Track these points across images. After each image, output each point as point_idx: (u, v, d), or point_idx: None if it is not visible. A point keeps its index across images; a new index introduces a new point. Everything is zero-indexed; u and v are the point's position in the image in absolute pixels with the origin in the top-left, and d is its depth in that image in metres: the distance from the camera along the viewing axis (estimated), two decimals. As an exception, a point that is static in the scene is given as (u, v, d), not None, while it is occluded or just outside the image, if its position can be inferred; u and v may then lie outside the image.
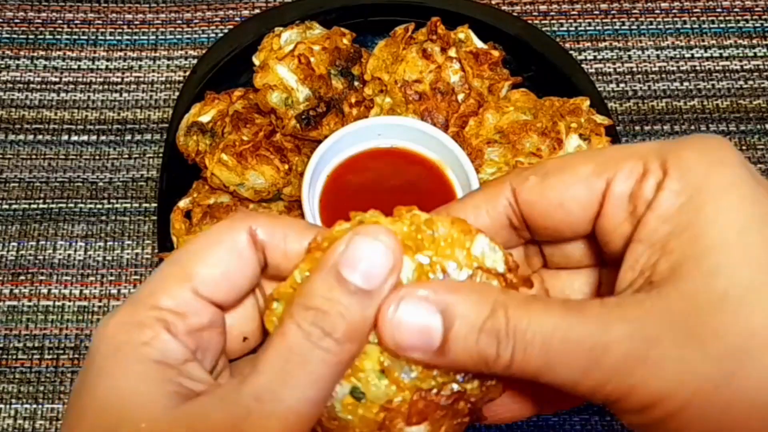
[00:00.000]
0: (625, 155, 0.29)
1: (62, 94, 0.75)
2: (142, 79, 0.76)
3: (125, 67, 0.77)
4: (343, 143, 0.64)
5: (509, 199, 0.32)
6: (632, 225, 0.29)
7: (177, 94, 0.72)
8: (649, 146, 0.29)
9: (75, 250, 0.68)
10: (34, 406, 0.62)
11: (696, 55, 0.77)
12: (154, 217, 0.68)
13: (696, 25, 0.79)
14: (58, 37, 0.78)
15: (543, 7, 0.80)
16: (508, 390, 0.32)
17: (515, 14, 0.77)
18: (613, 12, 0.79)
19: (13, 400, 0.62)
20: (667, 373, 0.26)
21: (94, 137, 0.73)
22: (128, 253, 0.68)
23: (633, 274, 0.28)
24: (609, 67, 0.77)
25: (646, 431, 0.28)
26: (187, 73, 0.72)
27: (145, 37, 0.78)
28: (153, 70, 0.77)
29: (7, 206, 0.70)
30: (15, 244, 0.68)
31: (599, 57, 0.77)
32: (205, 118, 0.66)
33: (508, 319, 0.27)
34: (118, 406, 0.28)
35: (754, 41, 0.78)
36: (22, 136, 0.73)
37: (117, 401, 0.28)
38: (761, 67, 0.77)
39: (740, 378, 0.26)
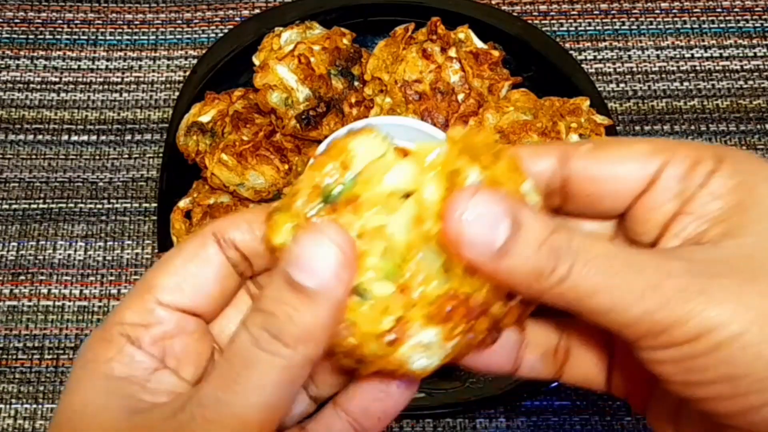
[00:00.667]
0: (681, 144, 0.30)
1: (62, 94, 0.75)
2: (142, 79, 0.76)
3: (125, 67, 0.77)
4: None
5: (556, 161, 0.31)
6: (677, 205, 0.29)
7: (177, 94, 0.72)
8: (701, 143, 0.30)
9: (75, 250, 0.68)
10: (34, 406, 0.62)
11: (696, 55, 0.77)
12: (154, 217, 0.68)
13: (696, 25, 0.79)
14: (58, 37, 0.78)
15: (543, 7, 0.80)
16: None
17: (515, 14, 0.77)
18: (613, 12, 0.79)
19: (13, 400, 0.62)
20: (726, 303, 0.26)
21: (94, 137, 0.73)
22: (128, 253, 0.68)
23: (677, 242, 0.29)
24: (609, 67, 0.77)
25: (678, 368, 0.27)
26: (187, 73, 0.72)
27: (145, 37, 0.78)
28: (153, 70, 0.77)
29: (7, 206, 0.70)
30: (15, 244, 0.68)
31: (599, 57, 0.77)
32: (205, 118, 0.66)
33: (572, 237, 0.27)
34: (77, 421, 0.29)
35: (755, 41, 0.78)
36: (22, 136, 0.73)
37: (78, 417, 0.29)
38: (761, 67, 0.77)
39: None
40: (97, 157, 0.72)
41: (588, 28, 0.79)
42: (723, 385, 0.27)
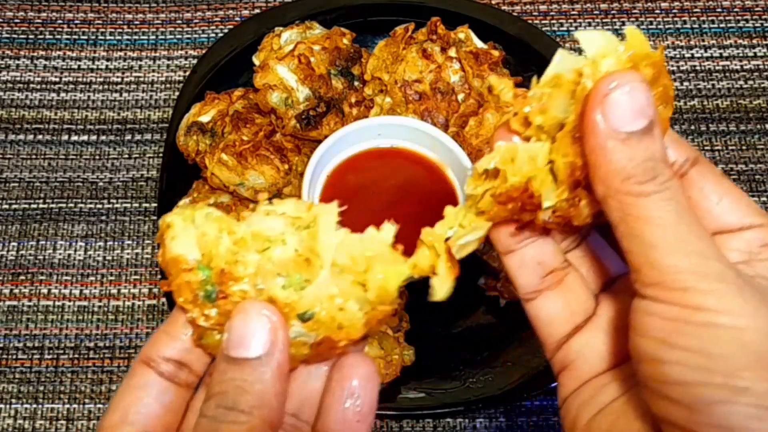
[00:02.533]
0: None
1: (62, 94, 0.75)
2: (142, 79, 0.76)
3: (125, 67, 0.77)
4: (343, 143, 0.64)
5: (687, 159, 0.34)
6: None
7: (177, 94, 0.72)
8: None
9: (75, 250, 0.68)
10: (34, 405, 0.62)
11: (696, 55, 0.77)
12: (154, 217, 0.68)
13: (696, 25, 0.79)
14: (58, 37, 0.78)
15: (543, 7, 0.80)
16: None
17: (515, 14, 0.77)
18: (613, 12, 0.80)
19: (13, 400, 0.62)
20: (748, 306, 0.28)
21: (94, 137, 0.73)
22: (128, 253, 0.68)
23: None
24: (609, 67, 0.77)
25: (668, 324, 0.29)
26: (187, 73, 0.72)
27: (145, 37, 0.78)
28: (153, 70, 0.77)
29: (7, 206, 0.70)
30: (15, 244, 0.68)
31: (599, 57, 0.77)
32: (205, 118, 0.66)
33: (674, 179, 0.30)
34: None
35: (754, 41, 0.78)
36: (22, 136, 0.73)
37: None
38: (761, 66, 0.77)
39: None
40: (97, 157, 0.72)
41: (588, 28, 0.79)
42: (696, 357, 0.28)
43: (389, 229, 0.33)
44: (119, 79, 0.76)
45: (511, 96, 0.33)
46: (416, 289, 0.46)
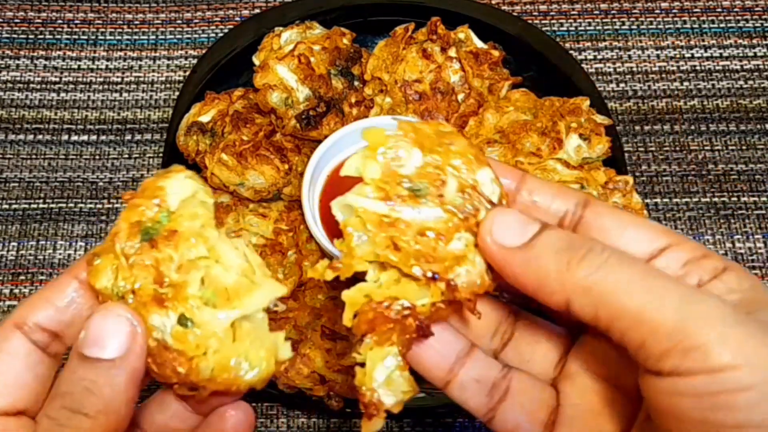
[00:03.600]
0: (686, 240, 0.32)
1: (62, 94, 0.75)
2: (142, 79, 0.76)
3: (125, 67, 0.77)
4: (343, 143, 0.64)
5: (574, 204, 0.34)
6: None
7: (177, 93, 0.72)
8: (703, 247, 0.32)
9: (75, 250, 0.68)
10: (34, 405, 0.62)
11: (696, 55, 0.77)
12: (154, 217, 0.68)
13: (696, 25, 0.79)
14: (58, 36, 0.78)
15: (543, 7, 0.80)
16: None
17: (515, 14, 0.77)
18: (613, 12, 0.79)
19: (13, 400, 0.62)
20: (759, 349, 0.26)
21: (94, 137, 0.73)
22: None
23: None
24: (609, 67, 0.77)
25: (699, 402, 0.27)
26: (187, 73, 0.72)
27: (145, 37, 0.78)
28: (153, 70, 0.77)
29: (7, 206, 0.70)
30: (15, 243, 0.68)
31: (599, 57, 0.77)
32: (205, 118, 0.66)
33: (601, 245, 0.30)
34: None
35: (754, 41, 0.78)
36: (22, 136, 0.73)
37: None
38: (761, 66, 0.77)
39: None
40: (97, 157, 0.72)
41: (588, 28, 0.79)
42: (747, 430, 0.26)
43: (286, 349, 0.35)
44: (119, 79, 0.76)
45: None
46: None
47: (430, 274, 0.31)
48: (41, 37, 0.78)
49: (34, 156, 0.72)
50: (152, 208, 0.33)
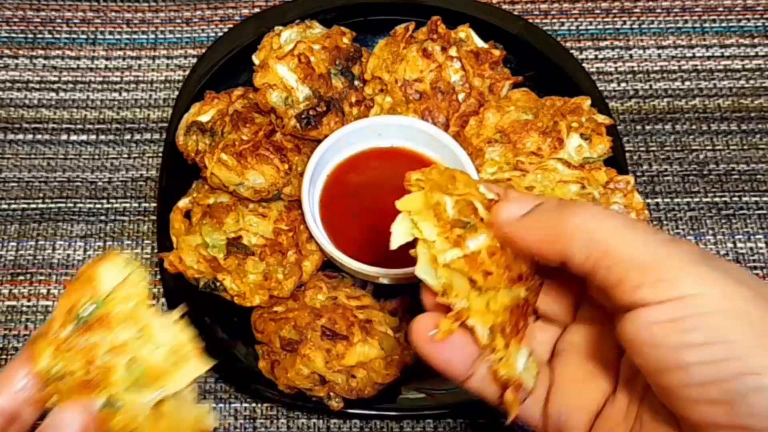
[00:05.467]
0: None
1: (61, 94, 0.75)
2: (141, 79, 0.76)
3: (124, 67, 0.77)
4: (343, 143, 0.64)
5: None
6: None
7: (176, 93, 0.71)
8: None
9: (74, 250, 0.68)
10: (33, 406, 0.62)
11: (697, 55, 0.77)
12: (154, 217, 0.68)
13: (697, 25, 0.79)
14: (57, 36, 0.78)
15: (544, 6, 0.79)
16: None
17: (516, 13, 0.77)
18: (614, 11, 0.79)
19: (12, 401, 0.62)
20: (715, 273, 0.31)
21: (93, 137, 0.73)
22: (128, 253, 0.68)
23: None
24: (610, 67, 0.76)
25: (672, 328, 0.30)
26: (187, 73, 0.72)
27: (145, 36, 0.78)
28: (152, 70, 0.76)
29: (6, 206, 0.70)
30: (14, 243, 0.68)
31: (600, 56, 0.77)
32: (204, 118, 0.65)
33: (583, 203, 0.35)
34: None
35: (756, 40, 0.78)
36: (21, 136, 0.73)
37: None
38: (763, 66, 0.76)
39: None
40: (97, 157, 0.72)
41: (589, 27, 0.79)
42: (715, 349, 0.29)
43: (210, 420, 0.39)
44: (118, 79, 0.76)
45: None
46: (416, 290, 0.46)
47: (517, 276, 0.37)
48: (40, 36, 0.78)
49: (33, 156, 0.72)
50: (87, 293, 0.36)
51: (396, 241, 0.40)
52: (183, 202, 0.63)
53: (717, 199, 0.70)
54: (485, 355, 0.38)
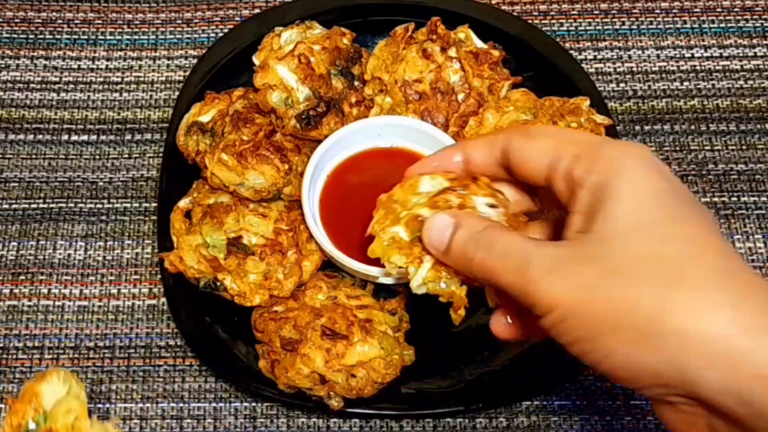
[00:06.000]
0: (576, 141, 0.41)
1: (62, 94, 0.75)
2: (142, 79, 0.76)
3: (125, 67, 0.77)
4: (343, 143, 0.64)
5: (501, 146, 0.44)
6: (569, 188, 0.40)
7: (177, 93, 0.72)
8: (593, 139, 0.42)
9: (75, 250, 0.68)
10: (34, 405, 0.62)
11: (696, 55, 0.77)
12: (154, 217, 0.68)
13: (696, 25, 0.79)
14: (58, 36, 0.78)
15: (543, 7, 0.80)
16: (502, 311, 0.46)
17: (515, 14, 0.77)
18: (613, 12, 0.79)
19: (13, 400, 0.62)
20: (563, 284, 0.37)
21: (94, 137, 0.73)
22: (128, 253, 0.68)
23: (575, 225, 0.40)
24: (609, 67, 0.77)
25: (556, 335, 0.38)
26: (187, 73, 0.72)
27: (145, 37, 0.78)
28: (153, 70, 0.77)
29: (7, 206, 0.70)
30: (15, 243, 0.68)
31: (599, 57, 0.77)
32: (205, 118, 0.66)
33: (488, 234, 0.41)
34: None
35: (755, 41, 0.78)
36: (22, 136, 0.73)
37: None
38: (761, 66, 0.77)
39: (608, 292, 0.36)
40: (97, 157, 0.72)
41: (588, 27, 0.79)
42: (578, 346, 0.37)
43: None
44: (119, 79, 0.76)
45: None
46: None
47: None
48: (41, 37, 0.78)
49: (34, 156, 0.72)
50: (30, 411, 0.42)
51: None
52: (183, 202, 0.64)
53: (716, 199, 0.70)
54: None
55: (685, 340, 0.34)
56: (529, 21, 0.76)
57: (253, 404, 0.62)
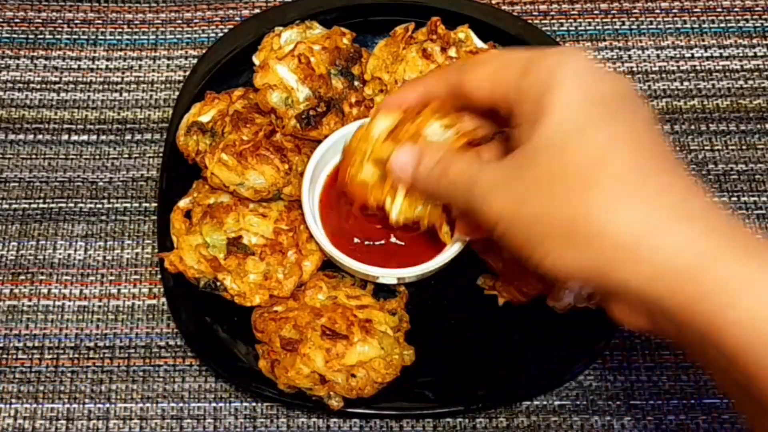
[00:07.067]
0: (517, 59, 0.43)
1: (62, 94, 0.75)
2: (142, 79, 0.76)
3: (125, 67, 0.77)
4: (343, 143, 0.64)
5: (454, 77, 0.47)
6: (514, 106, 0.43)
7: (177, 93, 0.72)
8: (531, 54, 0.43)
9: (75, 250, 0.68)
10: (34, 405, 0.62)
11: (696, 55, 0.77)
12: (154, 217, 0.68)
13: (696, 25, 0.79)
14: (58, 36, 0.78)
15: (543, 7, 0.80)
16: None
17: (515, 14, 0.77)
18: (613, 12, 0.79)
19: (13, 400, 0.62)
20: (502, 198, 0.40)
21: (94, 137, 0.73)
22: (128, 253, 0.68)
23: (517, 139, 0.42)
24: (609, 67, 0.77)
25: (505, 245, 0.41)
26: (187, 73, 0.72)
27: (145, 37, 0.78)
28: (153, 70, 0.77)
29: (7, 206, 0.70)
30: (15, 243, 0.68)
31: (599, 57, 0.77)
32: (205, 118, 0.66)
33: (443, 162, 0.46)
34: None
35: (755, 41, 0.78)
36: (22, 136, 0.73)
37: None
38: (761, 66, 0.77)
39: (539, 201, 0.39)
40: (97, 157, 0.72)
41: (588, 27, 0.79)
42: (525, 249, 0.40)
43: None
44: (119, 79, 0.76)
45: None
46: (416, 289, 0.47)
47: None
48: (41, 37, 0.78)
49: (34, 156, 0.72)
50: None
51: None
52: (183, 202, 0.64)
53: (716, 199, 0.70)
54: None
55: (600, 241, 0.37)
56: (529, 21, 0.76)
57: (253, 404, 0.62)
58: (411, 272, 0.59)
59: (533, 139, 0.39)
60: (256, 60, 0.68)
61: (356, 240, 0.61)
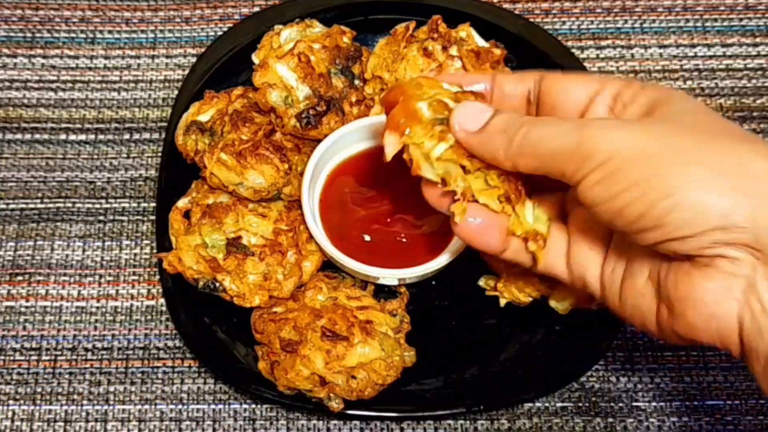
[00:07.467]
0: (615, 79, 0.44)
1: (60, 93, 0.75)
2: (140, 78, 0.76)
3: (123, 66, 0.76)
4: (343, 142, 0.64)
5: (534, 80, 0.47)
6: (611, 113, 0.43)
7: (176, 92, 0.71)
8: (630, 79, 0.45)
9: (73, 250, 0.68)
10: (32, 407, 0.62)
11: (699, 54, 0.77)
12: (153, 217, 0.68)
13: (699, 24, 0.78)
14: (56, 35, 0.78)
15: (545, 5, 0.79)
16: None
17: (517, 12, 0.77)
18: (615, 10, 0.79)
19: (11, 402, 0.62)
20: (626, 131, 0.38)
21: (92, 136, 0.73)
22: (126, 253, 0.68)
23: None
24: (611, 66, 0.76)
25: (602, 186, 0.39)
26: (186, 72, 0.72)
27: (144, 36, 0.78)
28: (152, 69, 0.76)
29: (4, 206, 0.69)
30: (12, 244, 0.68)
31: (601, 55, 0.77)
32: (204, 117, 0.65)
33: (530, 117, 0.44)
34: None
35: (758, 39, 0.78)
36: (19, 135, 0.73)
37: None
38: (765, 65, 0.76)
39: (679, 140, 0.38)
40: (96, 157, 0.72)
41: (590, 26, 0.78)
42: (631, 192, 0.37)
43: None
44: (117, 78, 0.76)
45: None
46: (417, 290, 0.46)
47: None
48: (39, 35, 0.78)
49: (31, 155, 0.72)
50: None
51: (389, 151, 0.47)
52: (182, 202, 0.63)
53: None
54: (504, 221, 0.45)
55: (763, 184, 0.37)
56: (531, 19, 0.76)
57: (253, 406, 0.62)
58: (412, 273, 0.59)
59: (657, 115, 0.41)
60: (256, 59, 0.67)
61: (365, 237, 0.61)
